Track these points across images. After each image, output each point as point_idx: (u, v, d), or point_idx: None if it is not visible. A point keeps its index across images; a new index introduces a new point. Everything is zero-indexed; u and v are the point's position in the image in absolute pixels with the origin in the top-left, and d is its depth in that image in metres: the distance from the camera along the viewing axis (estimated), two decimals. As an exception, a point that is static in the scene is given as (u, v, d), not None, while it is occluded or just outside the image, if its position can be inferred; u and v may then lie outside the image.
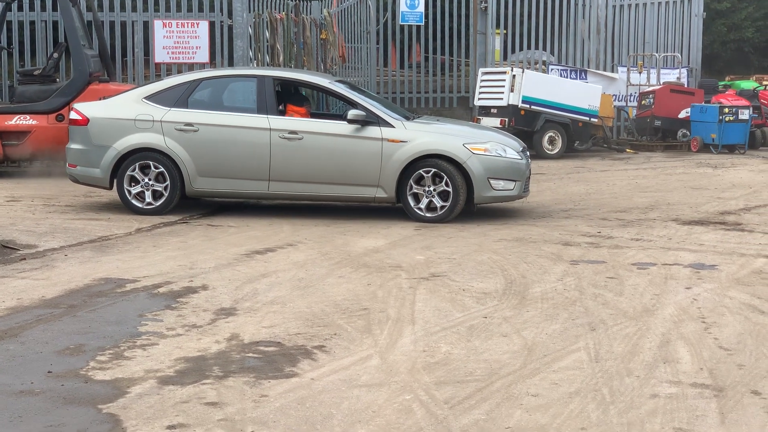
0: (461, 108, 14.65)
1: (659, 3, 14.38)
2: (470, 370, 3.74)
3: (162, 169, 7.11)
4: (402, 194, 6.98)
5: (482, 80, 12.90)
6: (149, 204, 7.21)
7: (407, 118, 7.46)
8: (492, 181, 6.99)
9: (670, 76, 13.71)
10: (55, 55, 10.59)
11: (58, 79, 10.57)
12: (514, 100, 11.86)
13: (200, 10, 11.73)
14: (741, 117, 12.52)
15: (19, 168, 10.20)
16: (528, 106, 11.88)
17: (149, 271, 5.64)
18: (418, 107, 14.35)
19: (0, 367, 3.77)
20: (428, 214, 6.91)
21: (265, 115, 7.17)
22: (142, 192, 7.20)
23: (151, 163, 7.15)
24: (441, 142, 7.08)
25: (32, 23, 11.64)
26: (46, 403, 3.46)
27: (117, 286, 5.12)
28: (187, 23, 11.61)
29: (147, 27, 11.77)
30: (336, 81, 7.92)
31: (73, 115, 7.51)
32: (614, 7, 14.59)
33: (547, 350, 4.01)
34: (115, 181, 7.25)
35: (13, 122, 9.54)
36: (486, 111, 12.35)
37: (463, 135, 7.35)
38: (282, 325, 4.36)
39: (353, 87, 8.18)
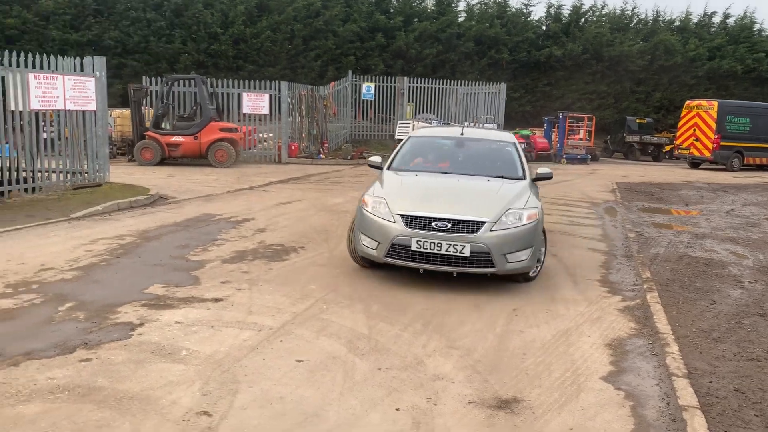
0: (390, 140, 23.85)
1: (486, 92, 24.53)
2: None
3: None
4: None
5: (399, 126, 21.35)
6: None
7: None
8: None
9: (489, 126, 22.75)
10: (194, 107, 18.35)
11: (195, 119, 18.07)
12: None
13: (265, 88, 20.12)
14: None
15: (175, 161, 17.66)
16: None
17: (228, 210, 10.30)
18: (370, 139, 24.54)
19: (147, 252, 7.03)
20: None
21: None
22: None
23: None
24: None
25: (183, 93, 19.82)
26: (166, 269, 6.35)
27: (210, 217, 9.65)
28: (259, 95, 19.76)
29: (239, 96, 19.85)
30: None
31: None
32: (465, 94, 24.51)
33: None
34: None
35: (173, 139, 16.93)
36: (400, 140, 22.12)
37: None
38: (286, 237, 8.48)
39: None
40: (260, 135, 20.61)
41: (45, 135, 11.44)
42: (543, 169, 7.43)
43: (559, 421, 3.69)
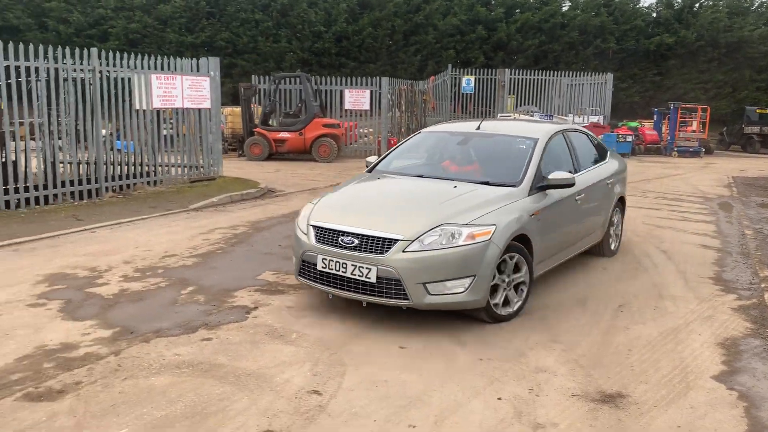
0: None
1: (591, 83, 23.97)
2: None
3: None
4: None
5: (499, 119, 21.56)
6: None
7: None
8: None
9: (594, 118, 22.41)
10: (299, 105, 18.89)
11: (300, 116, 18.67)
12: None
13: (366, 84, 20.41)
14: (627, 140, 21.71)
15: (281, 156, 18.29)
16: None
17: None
18: None
19: (259, 241, 7.60)
20: None
21: None
22: None
23: None
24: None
25: (289, 91, 20.52)
26: (276, 258, 6.80)
27: (316, 213, 10.11)
28: (360, 91, 20.26)
29: (341, 93, 20.41)
30: None
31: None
32: (569, 85, 23.94)
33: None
34: None
35: (280, 135, 17.59)
36: None
37: None
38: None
39: None
40: (361, 130, 21.07)
41: (165, 132, 12.28)
42: (559, 173, 5.61)
43: (666, 418, 3.62)
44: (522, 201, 5.30)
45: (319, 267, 4.97)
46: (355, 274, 4.77)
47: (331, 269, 4.89)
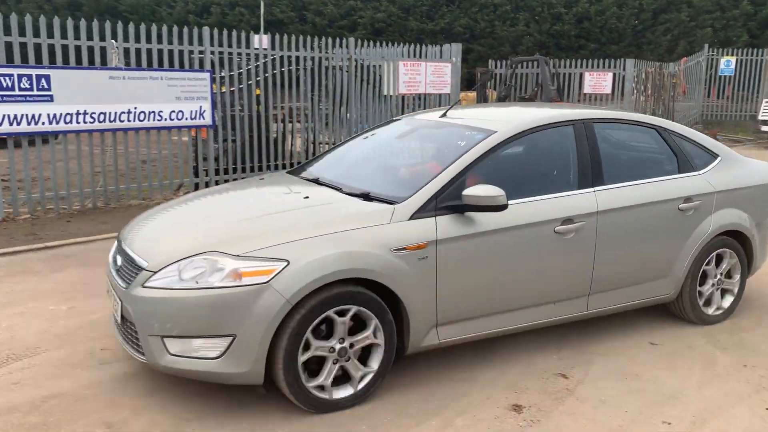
0: (751, 121, 20.92)
1: None
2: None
3: None
4: None
5: (765, 106, 19.08)
6: None
7: None
8: None
9: None
10: (536, 88, 18.75)
11: (535, 100, 18.36)
12: None
13: (608, 66, 19.37)
14: None
15: None
16: None
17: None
18: (725, 120, 22.08)
19: None
20: None
21: None
22: None
23: None
24: None
25: (525, 75, 20.13)
26: None
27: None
28: (602, 74, 19.54)
29: (581, 76, 19.38)
30: None
31: None
32: None
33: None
34: None
35: None
36: (764, 123, 18.51)
37: None
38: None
39: None
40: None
41: (407, 116, 12.99)
42: (478, 188, 3.55)
43: None
44: (388, 227, 3.45)
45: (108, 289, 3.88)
46: (115, 308, 3.58)
47: (111, 296, 3.72)
